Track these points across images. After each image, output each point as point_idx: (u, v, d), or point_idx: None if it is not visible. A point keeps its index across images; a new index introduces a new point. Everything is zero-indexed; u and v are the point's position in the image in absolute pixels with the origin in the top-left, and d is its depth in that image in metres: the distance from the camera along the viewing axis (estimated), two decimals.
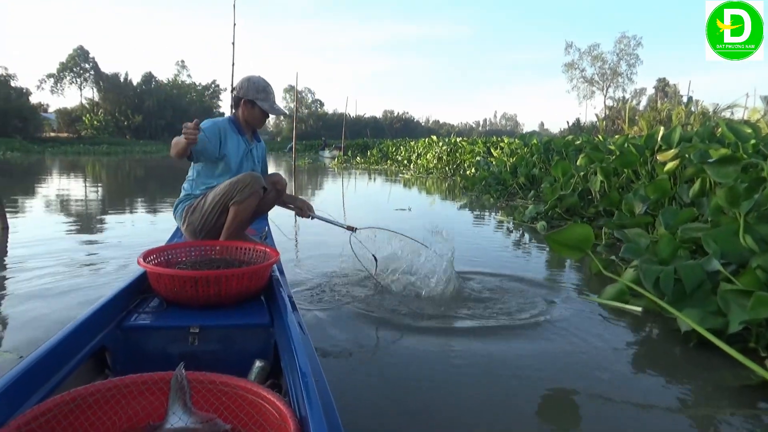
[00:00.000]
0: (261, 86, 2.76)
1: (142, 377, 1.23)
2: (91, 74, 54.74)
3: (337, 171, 19.71)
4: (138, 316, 1.80)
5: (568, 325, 2.72)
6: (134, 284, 1.98)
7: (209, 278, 1.84)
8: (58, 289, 3.13)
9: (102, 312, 1.66)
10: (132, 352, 1.71)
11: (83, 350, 1.50)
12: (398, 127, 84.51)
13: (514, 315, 2.84)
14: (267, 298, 2.06)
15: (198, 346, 1.73)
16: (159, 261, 2.18)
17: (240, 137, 2.80)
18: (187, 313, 1.83)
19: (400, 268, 3.24)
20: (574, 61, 55.71)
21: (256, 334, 1.80)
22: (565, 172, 6.69)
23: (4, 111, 39.59)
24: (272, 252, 2.22)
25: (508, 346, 2.44)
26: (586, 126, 44.40)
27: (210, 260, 2.23)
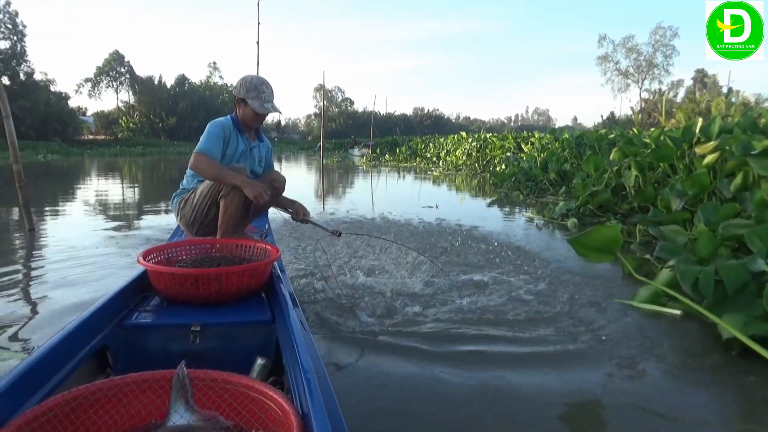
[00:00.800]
0: (253, 85, 2.72)
1: (144, 376, 1.23)
2: (127, 78, 56.04)
3: (366, 169, 19.64)
4: (139, 315, 1.80)
5: (597, 329, 2.56)
6: (135, 283, 1.97)
7: (210, 276, 1.82)
8: (83, 286, 3.14)
9: (103, 311, 1.66)
10: (133, 350, 1.70)
11: (84, 349, 1.50)
12: (428, 124, 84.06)
13: (539, 318, 2.70)
14: (268, 296, 2.04)
15: (199, 343, 1.72)
16: (159, 259, 2.17)
17: (240, 136, 2.79)
18: (188, 311, 1.82)
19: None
20: (607, 54, 54.42)
21: (258, 331, 1.79)
22: (597, 167, 6.46)
23: (45, 115, 40.84)
24: (273, 249, 2.22)
25: (533, 351, 2.31)
26: (621, 119, 43.37)
27: (210, 258, 2.23)
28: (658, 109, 40.65)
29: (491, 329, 2.56)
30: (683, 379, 2.12)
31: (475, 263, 3.97)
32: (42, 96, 42.17)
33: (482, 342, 2.42)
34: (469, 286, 3.27)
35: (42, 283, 3.40)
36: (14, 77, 43.31)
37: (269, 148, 3.07)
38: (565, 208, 6.09)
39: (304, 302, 2.97)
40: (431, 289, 3.16)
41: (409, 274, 3.39)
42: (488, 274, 3.57)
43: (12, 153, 4.92)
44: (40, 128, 40.27)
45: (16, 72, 43.58)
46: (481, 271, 3.70)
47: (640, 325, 2.64)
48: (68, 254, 4.17)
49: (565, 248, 4.59)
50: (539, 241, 4.96)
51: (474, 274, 3.57)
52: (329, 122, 70.66)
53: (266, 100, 2.72)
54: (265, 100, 2.72)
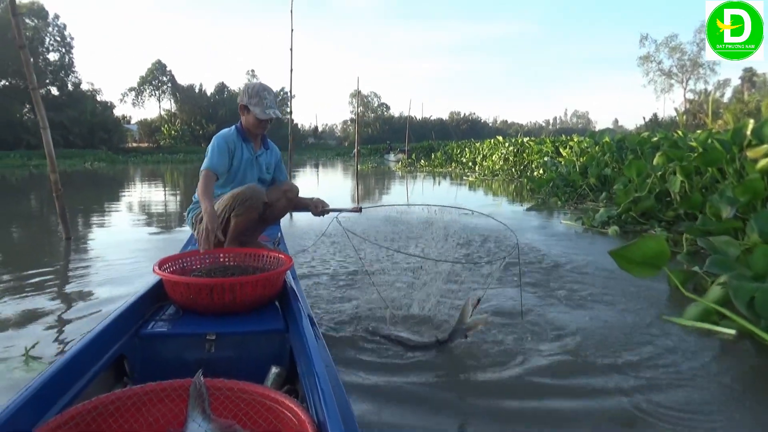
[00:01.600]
0: (255, 91, 2.70)
1: (162, 385, 1.25)
2: (169, 86, 57.76)
3: (401, 174, 19.56)
4: (155, 324, 1.82)
5: (641, 350, 2.38)
6: (151, 292, 1.99)
7: (224, 285, 1.84)
8: (115, 297, 3.15)
9: (120, 320, 1.68)
10: (150, 359, 1.72)
11: (103, 359, 1.53)
12: (465, 129, 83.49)
13: (582, 341, 2.53)
14: (281, 304, 2.05)
15: (215, 352, 1.74)
16: (174, 269, 2.18)
17: (245, 145, 2.77)
18: (204, 320, 1.84)
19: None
20: (649, 54, 53.05)
21: (272, 339, 1.81)
22: (640, 171, 6.19)
23: (91, 124, 42.34)
24: (285, 258, 2.23)
25: (572, 371, 2.15)
26: (665, 121, 42.11)
27: (224, 267, 2.26)
28: (704, 110, 39.33)
29: (529, 351, 2.42)
30: (735, 408, 1.93)
31: (507, 279, 3.82)
32: (89, 105, 43.77)
33: (520, 368, 2.27)
34: (498, 299, 3.13)
35: (75, 294, 3.42)
36: (63, 88, 45.16)
37: (278, 155, 3.03)
38: (605, 215, 5.84)
39: (318, 311, 2.93)
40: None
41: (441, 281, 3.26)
42: (517, 288, 3.41)
43: (49, 163, 5.02)
44: (87, 137, 41.78)
45: (65, 83, 45.42)
46: (512, 284, 3.54)
47: (689, 345, 2.44)
48: (103, 264, 4.20)
49: (606, 258, 4.38)
50: (578, 250, 4.74)
51: (506, 287, 3.42)
52: (365, 127, 70.94)
53: (268, 106, 2.70)
54: (266, 106, 2.69)
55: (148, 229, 6.43)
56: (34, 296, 3.32)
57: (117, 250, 4.74)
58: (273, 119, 2.73)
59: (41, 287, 3.54)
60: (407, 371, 2.20)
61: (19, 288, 3.51)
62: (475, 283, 3.50)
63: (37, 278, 3.76)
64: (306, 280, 3.60)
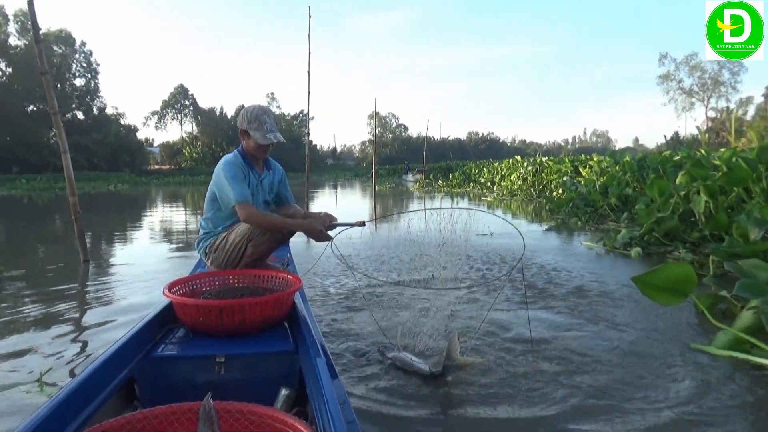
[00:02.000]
0: (254, 115, 2.62)
1: (171, 408, 1.25)
2: (190, 110, 58.80)
3: (419, 194, 19.50)
4: (165, 347, 1.82)
5: (669, 383, 2.26)
6: (161, 314, 2.00)
7: (233, 307, 1.84)
8: (128, 322, 3.12)
9: (130, 343, 1.69)
10: (160, 382, 1.72)
11: (113, 382, 1.53)
12: (483, 149, 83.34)
13: (600, 367, 2.42)
14: (291, 325, 2.05)
15: (224, 374, 1.74)
16: (184, 291, 2.19)
17: (250, 171, 2.71)
18: (213, 342, 1.85)
19: None
20: (669, 73, 52.64)
21: (281, 361, 1.80)
22: (662, 191, 6.04)
23: (115, 147, 43.21)
24: (294, 279, 2.24)
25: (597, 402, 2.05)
26: (686, 140, 41.55)
27: (233, 289, 2.25)
28: (727, 128, 38.75)
29: (544, 382, 2.32)
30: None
31: (521, 300, 3.72)
32: (113, 129, 44.76)
33: (530, 403, 2.18)
34: (513, 323, 3.03)
35: (90, 318, 3.41)
36: (88, 112, 46.31)
37: (282, 174, 2.98)
38: (627, 236, 5.70)
39: (327, 332, 2.93)
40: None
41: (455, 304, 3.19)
42: (539, 311, 3.31)
43: (69, 186, 5.07)
44: (111, 159, 42.64)
45: (90, 107, 46.59)
46: (531, 306, 3.45)
47: (720, 376, 2.31)
48: (119, 287, 4.21)
49: (629, 281, 4.24)
50: (599, 272, 4.61)
51: (521, 309, 3.32)
52: (383, 148, 71.26)
53: (268, 131, 2.62)
54: (267, 131, 2.62)
55: (165, 251, 6.45)
56: (49, 320, 3.32)
57: (133, 273, 4.76)
58: (274, 143, 2.67)
59: (57, 311, 3.54)
60: (407, 399, 2.14)
61: (34, 311, 3.52)
62: (484, 304, 3.42)
63: (54, 301, 3.77)
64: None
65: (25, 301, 3.81)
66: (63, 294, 4.02)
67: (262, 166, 2.82)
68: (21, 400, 2.15)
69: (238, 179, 2.56)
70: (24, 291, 4.16)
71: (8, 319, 3.33)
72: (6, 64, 39.73)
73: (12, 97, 37.75)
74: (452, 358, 2.20)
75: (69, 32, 44.73)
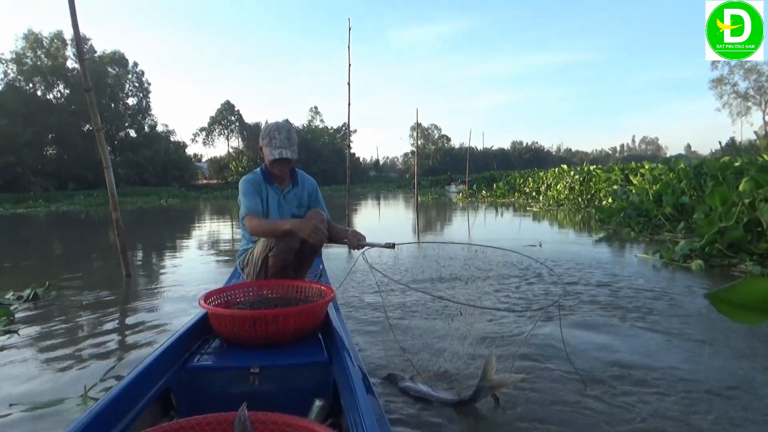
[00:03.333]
0: (267, 131, 2.67)
1: (207, 418, 1.25)
2: (237, 125, 60.48)
3: (462, 205, 19.23)
4: (200, 358, 1.84)
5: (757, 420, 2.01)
6: (196, 326, 2.02)
7: (267, 317, 1.85)
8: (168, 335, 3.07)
9: (166, 354, 1.70)
10: (195, 392, 1.74)
11: (149, 393, 1.54)
12: (527, 158, 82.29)
13: (667, 399, 2.19)
14: (324, 336, 2.04)
15: (258, 385, 1.75)
16: (219, 302, 2.21)
17: (269, 186, 2.75)
18: (247, 353, 1.85)
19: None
20: (723, 76, 50.66)
21: (315, 372, 1.81)
22: (724, 200, 5.66)
23: (165, 163, 44.79)
24: (327, 290, 2.24)
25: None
26: (743, 145, 39.73)
27: (267, 300, 2.26)
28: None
29: (594, 415, 2.11)
30: None
31: (572, 317, 3.48)
32: (163, 145, 46.44)
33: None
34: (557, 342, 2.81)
35: (131, 332, 3.39)
36: (140, 130, 48.20)
37: (314, 188, 2.94)
38: (687, 247, 5.34)
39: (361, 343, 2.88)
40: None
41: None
42: (588, 332, 3.08)
43: (111, 202, 5.15)
44: (161, 175, 44.21)
45: (142, 125, 48.45)
46: (582, 324, 3.22)
47: None
48: (163, 302, 4.20)
49: (693, 296, 3.94)
50: (657, 287, 4.29)
51: (571, 328, 3.09)
52: (426, 159, 71.19)
53: (276, 146, 2.62)
54: (275, 146, 2.62)
55: (210, 263, 6.47)
56: (93, 333, 3.34)
57: (177, 286, 4.78)
58: (291, 159, 2.66)
59: (101, 324, 3.56)
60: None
61: (80, 325, 3.56)
62: (521, 325, 3.21)
63: (99, 315, 3.80)
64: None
65: (71, 314, 3.85)
66: (107, 307, 4.04)
67: (286, 182, 2.81)
68: (66, 416, 2.13)
69: (248, 194, 2.64)
70: (71, 304, 4.20)
71: (55, 333, 3.36)
72: (64, 86, 41.88)
73: (69, 117, 39.68)
74: (487, 378, 2.03)
75: (122, 54, 46.86)
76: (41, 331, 3.43)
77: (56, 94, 42.36)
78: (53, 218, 18.27)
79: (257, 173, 2.76)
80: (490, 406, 2.11)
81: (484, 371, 2.05)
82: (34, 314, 3.88)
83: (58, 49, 41.65)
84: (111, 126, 44.01)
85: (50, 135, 39.84)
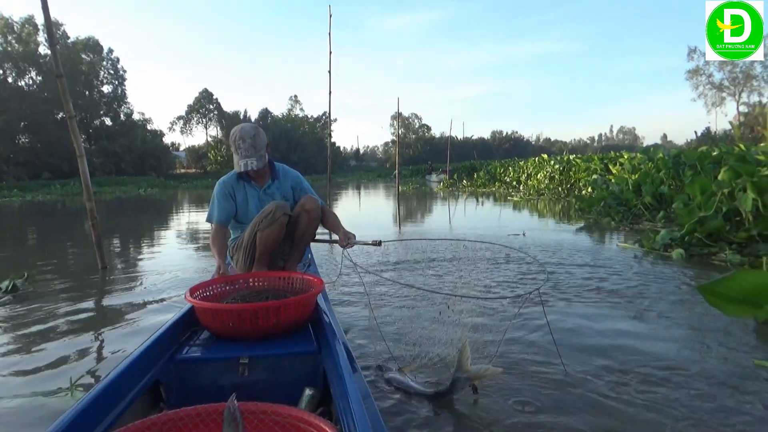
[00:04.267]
0: (233, 138, 2.63)
1: (196, 410, 1.26)
2: (215, 114, 59.54)
3: (443, 195, 19.25)
4: (189, 349, 1.83)
5: (735, 412, 2.02)
6: (184, 318, 2.00)
7: (257, 310, 1.84)
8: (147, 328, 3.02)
9: (155, 346, 1.69)
10: (185, 384, 1.74)
11: (139, 385, 1.54)
12: (507, 148, 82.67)
13: (646, 388, 2.18)
14: (314, 326, 2.05)
15: (248, 376, 1.74)
16: (206, 295, 2.18)
17: (246, 185, 2.73)
18: (237, 344, 1.85)
19: None
20: (699, 67, 51.16)
21: (305, 362, 1.81)
22: (704, 189, 5.71)
23: (142, 152, 43.89)
24: (316, 280, 2.24)
25: None
26: (719, 135, 40.41)
27: (257, 292, 2.21)
28: (761, 122, 37.57)
29: (574, 410, 2.09)
30: None
31: (556, 309, 3.48)
32: (140, 134, 45.46)
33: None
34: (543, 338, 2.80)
35: (111, 324, 3.30)
36: (116, 118, 47.13)
37: (297, 179, 2.90)
38: (667, 236, 5.39)
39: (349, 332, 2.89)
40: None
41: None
42: (572, 317, 3.08)
43: (85, 191, 4.98)
44: (138, 164, 43.33)
45: (117, 113, 47.35)
46: (565, 312, 3.21)
47: None
48: (138, 295, 4.10)
49: (674, 286, 3.97)
50: (639, 276, 4.32)
51: (558, 319, 3.09)
52: (406, 149, 71.05)
53: (242, 156, 2.60)
54: (241, 156, 2.60)
55: (188, 253, 6.35)
56: (73, 326, 3.28)
57: (156, 277, 4.69)
58: (256, 170, 2.64)
59: (79, 316, 3.49)
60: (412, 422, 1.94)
61: (58, 317, 3.47)
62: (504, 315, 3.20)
63: (77, 307, 3.72)
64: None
65: (50, 306, 3.76)
66: (85, 299, 3.95)
67: (265, 177, 2.78)
68: (54, 407, 2.11)
69: (217, 199, 2.70)
70: (50, 296, 4.10)
71: (35, 324, 3.31)
72: (36, 73, 40.67)
73: (42, 105, 38.58)
74: (463, 369, 2.00)
75: (96, 40, 45.58)
76: (21, 323, 3.37)
77: (28, 81, 41.08)
78: (29, 208, 17.82)
79: (233, 175, 2.73)
80: (469, 396, 2.09)
81: (459, 362, 2.02)
82: (13, 306, 3.80)
83: (29, 34, 40.31)
84: (86, 114, 42.94)
85: (22, 123, 38.63)
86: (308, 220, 2.69)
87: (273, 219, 2.52)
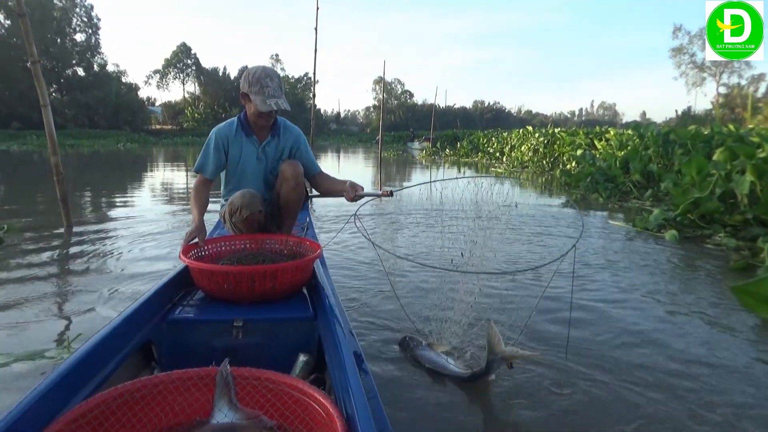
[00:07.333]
0: (255, 78, 2.30)
1: (188, 373, 1.24)
2: (193, 69, 57.83)
3: (425, 163, 19.04)
4: (182, 310, 1.80)
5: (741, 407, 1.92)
6: (178, 277, 1.95)
7: (254, 274, 1.78)
8: (115, 294, 2.85)
9: (147, 305, 1.67)
10: (177, 345, 1.71)
11: (130, 344, 1.52)
12: (489, 118, 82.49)
13: (650, 381, 2.07)
14: (310, 292, 2.00)
15: (242, 339, 1.72)
16: (201, 255, 2.11)
17: (246, 139, 2.46)
18: (231, 307, 1.81)
19: None
20: (683, 46, 51.32)
21: (300, 327, 1.78)
22: (701, 169, 5.62)
23: (116, 105, 42.50)
24: (314, 245, 2.16)
25: None
26: (699, 115, 40.78)
27: (253, 254, 2.14)
28: (740, 104, 37.88)
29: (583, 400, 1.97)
30: None
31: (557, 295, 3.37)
32: (114, 87, 43.93)
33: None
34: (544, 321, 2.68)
35: (75, 288, 3.10)
36: (89, 69, 45.35)
37: (298, 138, 2.63)
38: (661, 217, 5.30)
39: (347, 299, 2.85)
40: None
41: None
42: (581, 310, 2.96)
43: (50, 144, 4.63)
44: (112, 118, 42.00)
45: (91, 63, 45.55)
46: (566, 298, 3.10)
47: None
48: (104, 257, 3.88)
49: (668, 273, 3.88)
50: (634, 257, 4.23)
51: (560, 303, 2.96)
52: (388, 114, 70.31)
53: (269, 95, 2.30)
54: (268, 95, 2.30)
55: (155, 216, 6.06)
56: (50, 283, 3.16)
57: (120, 240, 4.45)
58: (276, 111, 2.36)
59: (42, 273, 3.37)
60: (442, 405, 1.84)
61: (35, 273, 3.37)
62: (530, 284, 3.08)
63: (54, 264, 3.61)
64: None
65: (24, 263, 3.64)
66: (40, 263, 3.70)
67: (265, 133, 2.51)
68: (45, 365, 2.09)
69: (208, 148, 2.43)
70: (26, 252, 3.93)
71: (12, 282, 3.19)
72: (5, 17, 38.63)
73: (11, 51, 36.77)
74: (495, 351, 1.88)
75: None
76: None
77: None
78: (3, 158, 17.18)
79: (233, 124, 2.46)
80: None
81: (490, 343, 1.90)
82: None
83: None
84: (57, 63, 41.21)
85: None
86: (288, 189, 2.45)
87: (242, 219, 2.31)
